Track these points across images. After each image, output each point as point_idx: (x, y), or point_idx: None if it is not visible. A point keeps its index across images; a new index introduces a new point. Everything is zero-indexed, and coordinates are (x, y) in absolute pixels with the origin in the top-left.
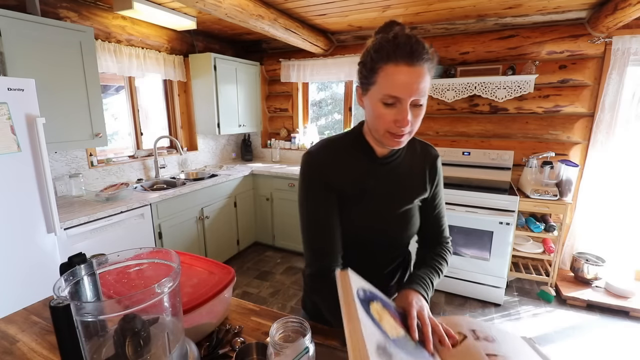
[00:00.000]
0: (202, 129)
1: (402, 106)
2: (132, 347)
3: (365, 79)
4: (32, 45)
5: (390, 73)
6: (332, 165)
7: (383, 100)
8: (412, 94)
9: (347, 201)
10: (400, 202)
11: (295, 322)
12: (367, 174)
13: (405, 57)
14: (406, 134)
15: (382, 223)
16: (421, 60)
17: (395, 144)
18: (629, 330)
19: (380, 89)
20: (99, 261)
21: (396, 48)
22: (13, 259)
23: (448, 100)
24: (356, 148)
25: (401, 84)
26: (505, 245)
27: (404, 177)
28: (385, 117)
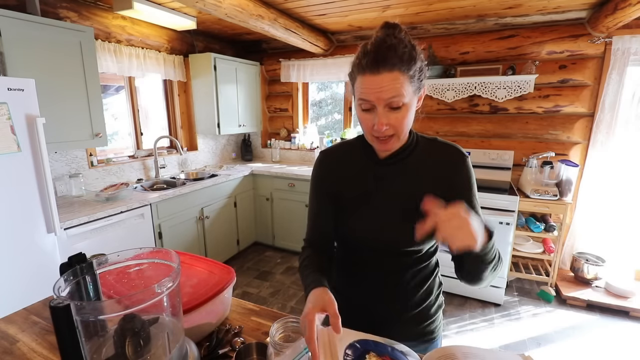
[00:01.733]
0: (202, 129)
1: (376, 110)
2: (132, 347)
3: (352, 88)
4: (32, 45)
5: (361, 82)
6: (338, 167)
7: (361, 105)
8: (380, 97)
9: (349, 202)
10: (404, 205)
11: (295, 322)
12: (369, 176)
13: (370, 66)
14: (392, 137)
15: (381, 227)
16: (387, 66)
17: (382, 147)
18: (629, 330)
19: (357, 94)
20: (99, 261)
21: (364, 57)
22: (13, 259)
23: (448, 100)
24: (362, 151)
25: (369, 90)
26: (505, 245)
27: (411, 179)
28: (365, 122)
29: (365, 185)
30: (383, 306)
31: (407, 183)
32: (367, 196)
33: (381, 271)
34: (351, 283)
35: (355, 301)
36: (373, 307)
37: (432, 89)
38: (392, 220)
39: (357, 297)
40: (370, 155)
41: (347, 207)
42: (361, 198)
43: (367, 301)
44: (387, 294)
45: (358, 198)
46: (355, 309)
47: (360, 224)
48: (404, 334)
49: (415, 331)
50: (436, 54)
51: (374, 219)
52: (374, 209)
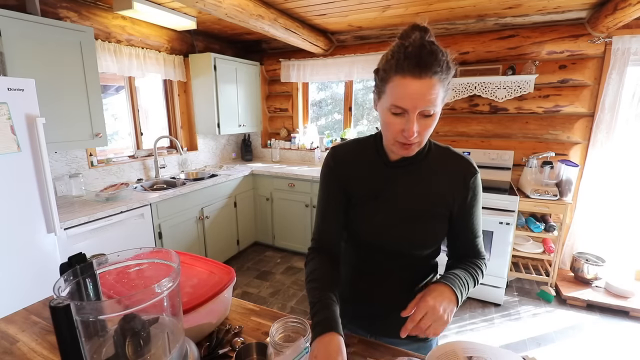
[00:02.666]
0: (202, 129)
1: (409, 117)
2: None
3: (378, 87)
4: (32, 45)
5: (397, 84)
6: (349, 165)
7: (391, 110)
8: (417, 105)
9: (358, 200)
10: (411, 208)
11: (295, 322)
12: (379, 177)
13: (412, 69)
14: (415, 144)
15: (389, 228)
16: (429, 72)
17: (404, 152)
18: (629, 330)
19: (388, 98)
20: (99, 261)
21: (405, 59)
22: (13, 259)
23: (448, 100)
24: (373, 152)
25: (407, 96)
26: (505, 245)
27: (419, 184)
28: (393, 126)
29: (375, 186)
30: (384, 305)
31: (415, 187)
32: (376, 197)
33: (383, 271)
34: (354, 281)
35: (357, 299)
36: (375, 306)
37: None
38: (398, 222)
39: (359, 296)
40: (382, 156)
41: (355, 205)
42: (370, 198)
43: (369, 300)
44: (389, 294)
45: (367, 197)
46: (357, 307)
47: (367, 223)
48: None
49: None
50: None
51: (380, 219)
52: (382, 209)
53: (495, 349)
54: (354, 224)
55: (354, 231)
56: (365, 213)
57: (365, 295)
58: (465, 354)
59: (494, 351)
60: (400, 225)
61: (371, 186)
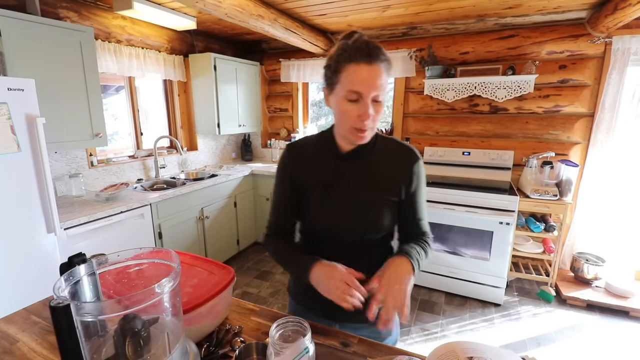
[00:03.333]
0: (202, 129)
1: (363, 101)
2: (132, 347)
3: (330, 80)
4: (32, 45)
5: (351, 72)
6: (303, 161)
7: (347, 96)
8: (371, 89)
9: (312, 193)
10: (362, 196)
11: (295, 322)
12: (331, 169)
13: (364, 57)
14: (369, 129)
15: (343, 216)
16: (378, 60)
17: (359, 139)
18: (629, 330)
19: (343, 86)
20: (99, 261)
21: (356, 50)
22: (13, 259)
23: (448, 100)
24: (326, 146)
25: (361, 80)
26: (505, 245)
27: (369, 174)
28: (349, 112)
29: (328, 177)
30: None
31: (365, 176)
32: (329, 187)
33: (340, 258)
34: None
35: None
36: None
37: (432, 89)
38: (351, 209)
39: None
40: (333, 149)
41: (310, 197)
42: (324, 189)
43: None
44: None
45: (321, 189)
46: (316, 295)
47: (322, 213)
48: (360, 317)
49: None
50: (436, 54)
51: (334, 208)
52: (335, 200)
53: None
54: (309, 215)
55: (309, 222)
56: (319, 204)
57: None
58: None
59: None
60: (353, 214)
61: (323, 178)
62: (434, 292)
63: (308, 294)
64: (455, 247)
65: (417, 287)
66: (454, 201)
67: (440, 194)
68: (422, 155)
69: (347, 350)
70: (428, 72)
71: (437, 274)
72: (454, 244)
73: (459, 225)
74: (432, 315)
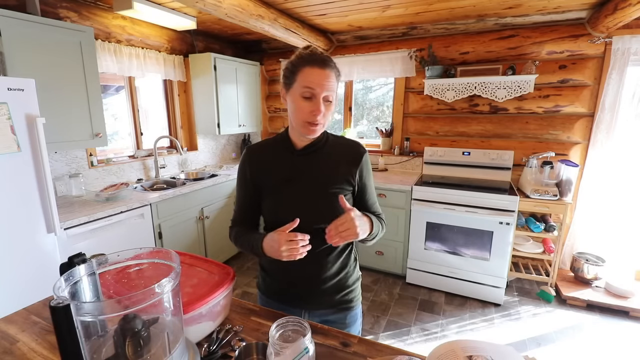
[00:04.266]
0: (202, 129)
1: (316, 99)
2: (132, 347)
3: (288, 80)
4: (32, 45)
5: (307, 73)
6: (261, 160)
7: (302, 94)
8: (323, 89)
9: (271, 190)
10: (320, 190)
11: (295, 322)
12: (288, 165)
13: (318, 63)
14: (320, 124)
15: (302, 209)
16: (328, 67)
17: (311, 132)
18: (629, 330)
19: (299, 85)
20: (99, 261)
21: (311, 56)
22: (13, 259)
23: (448, 100)
24: (281, 145)
25: (315, 80)
26: (505, 245)
27: (323, 168)
28: (304, 109)
29: (286, 173)
30: (305, 280)
31: (320, 170)
32: (288, 182)
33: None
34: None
35: (279, 277)
36: (296, 281)
37: (432, 89)
38: (308, 200)
39: (281, 273)
40: (289, 147)
41: (270, 193)
42: (283, 184)
43: (290, 277)
44: (308, 269)
45: (280, 184)
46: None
47: (282, 206)
48: (325, 303)
49: (335, 300)
50: (436, 54)
51: (294, 201)
52: (295, 192)
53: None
54: (271, 209)
55: (271, 216)
56: (280, 198)
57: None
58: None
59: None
60: (312, 205)
61: (282, 174)
62: (434, 292)
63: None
64: (455, 247)
65: (417, 287)
66: (454, 201)
67: (440, 194)
68: (422, 155)
69: (347, 350)
70: (428, 72)
71: (437, 274)
72: (454, 244)
73: (459, 225)
74: (432, 315)
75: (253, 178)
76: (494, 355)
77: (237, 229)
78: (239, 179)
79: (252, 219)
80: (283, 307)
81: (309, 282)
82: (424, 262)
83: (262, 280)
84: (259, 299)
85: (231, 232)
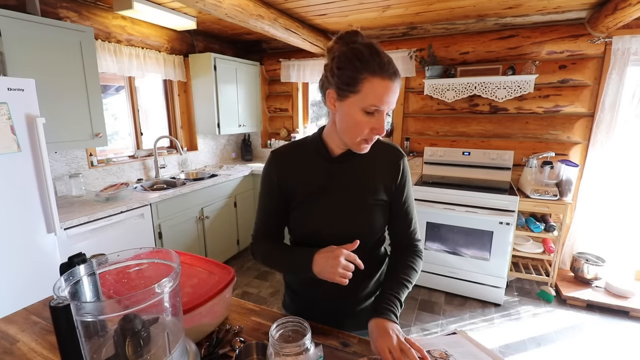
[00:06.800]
0: (202, 129)
1: (380, 116)
2: (132, 347)
3: (347, 87)
4: (32, 45)
5: (376, 86)
6: (290, 166)
7: (366, 109)
8: (390, 105)
9: (303, 199)
10: (356, 200)
11: (295, 322)
12: (321, 174)
13: (392, 75)
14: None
15: (336, 220)
16: (397, 76)
17: (363, 149)
18: (629, 330)
19: (364, 98)
20: (99, 261)
21: (382, 64)
22: (13, 259)
23: (448, 100)
24: (315, 150)
25: (386, 97)
26: (505, 245)
27: (362, 175)
28: (364, 124)
29: (320, 182)
30: (337, 299)
31: (357, 178)
32: (322, 191)
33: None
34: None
35: (308, 296)
36: (327, 301)
37: (432, 89)
38: (345, 212)
39: (310, 292)
40: (323, 153)
41: (302, 203)
42: (316, 194)
43: (320, 295)
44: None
45: (313, 194)
46: (309, 303)
47: (315, 218)
48: (359, 324)
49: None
50: (436, 54)
51: (328, 212)
52: (329, 203)
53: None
54: (300, 220)
55: (300, 227)
56: (313, 208)
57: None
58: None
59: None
60: (346, 217)
61: (315, 183)
62: (434, 292)
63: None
64: (455, 247)
65: (417, 287)
66: (454, 201)
67: (440, 194)
68: (422, 155)
69: (347, 350)
70: (428, 72)
71: (437, 274)
72: (454, 244)
73: (459, 225)
74: (432, 315)
75: (281, 185)
76: (445, 346)
77: (264, 244)
78: (264, 186)
79: (277, 231)
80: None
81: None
82: (424, 262)
83: (289, 299)
84: None
85: (256, 249)
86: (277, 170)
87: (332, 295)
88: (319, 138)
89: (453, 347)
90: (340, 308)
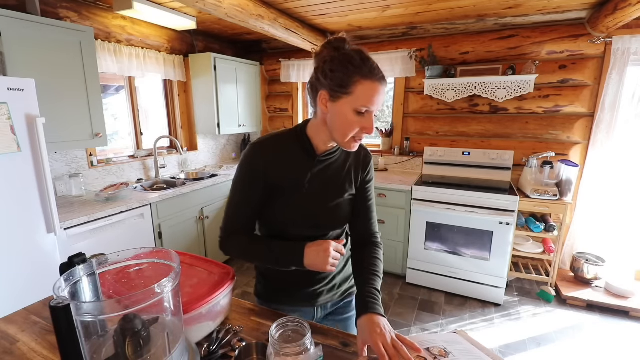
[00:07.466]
0: (202, 129)
1: (369, 116)
2: (132, 347)
3: (339, 88)
4: (32, 45)
5: (366, 88)
6: (273, 159)
7: (357, 109)
8: (379, 106)
9: (284, 192)
10: (333, 195)
11: (295, 322)
12: (304, 169)
13: (380, 79)
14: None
15: (314, 214)
16: (385, 80)
17: (353, 148)
18: (629, 330)
19: (356, 99)
20: (99, 261)
21: (373, 69)
22: (13, 259)
23: (448, 100)
24: (298, 145)
25: (376, 98)
26: (505, 245)
27: (337, 173)
28: (354, 124)
29: (304, 176)
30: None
31: (337, 174)
32: (305, 185)
33: None
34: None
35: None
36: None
37: (432, 89)
38: (323, 205)
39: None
40: (308, 149)
41: (283, 196)
42: (299, 187)
43: (295, 279)
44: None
45: (296, 187)
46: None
47: (295, 210)
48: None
49: (341, 291)
50: (436, 54)
51: (308, 205)
52: (309, 197)
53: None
54: (279, 214)
55: (278, 221)
56: (293, 202)
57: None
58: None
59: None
60: (325, 211)
61: (299, 177)
62: (434, 292)
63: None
64: (455, 247)
65: (417, 287)
66: (454, 201)
67: (440, 194)
68: (422, 155)
69: (347, 350)
70: (428, 72)
71: (437, 274)
72: (454, 244)
73: (459, 225)
74: (432, 315)
75: (268, 176)
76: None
77: (239, 237)
78: (245, 177)
79: (250, 225)
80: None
81: (314, 282)
82: (424, 262)
83: (262, 287)
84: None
85: (229, 243)
86: (264, 161)
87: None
88: (302, 133)
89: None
90: (317, 286)
